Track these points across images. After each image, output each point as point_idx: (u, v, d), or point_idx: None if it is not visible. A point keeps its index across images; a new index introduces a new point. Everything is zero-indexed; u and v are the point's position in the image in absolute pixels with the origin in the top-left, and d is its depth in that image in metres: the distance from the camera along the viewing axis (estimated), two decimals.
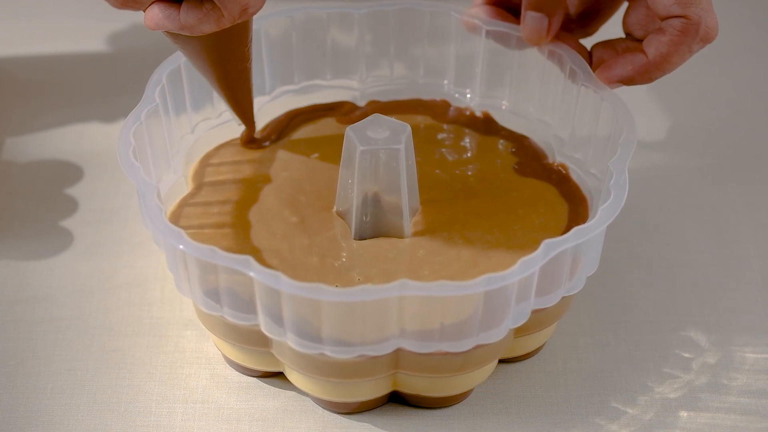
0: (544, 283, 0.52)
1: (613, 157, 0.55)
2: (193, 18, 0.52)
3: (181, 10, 0.53)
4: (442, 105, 0.66)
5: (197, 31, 0.53)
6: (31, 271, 0.64)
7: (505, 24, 0.63)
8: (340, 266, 0.56)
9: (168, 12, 0.53)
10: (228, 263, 0.50)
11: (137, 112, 0.56)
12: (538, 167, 0.62)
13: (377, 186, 0.56)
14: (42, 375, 0.58)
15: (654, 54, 0.57)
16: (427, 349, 0.51)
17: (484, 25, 0.63)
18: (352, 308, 0.49)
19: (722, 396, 0.58)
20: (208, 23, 0.52)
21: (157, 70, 0.59)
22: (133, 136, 0.55)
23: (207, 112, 0.62)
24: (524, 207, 0.59)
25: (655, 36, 0.57)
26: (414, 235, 0.57)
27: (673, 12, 0.56)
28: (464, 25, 0.64)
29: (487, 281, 0.49)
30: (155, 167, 0.58)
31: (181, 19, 0.53)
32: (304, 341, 0.51)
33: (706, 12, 0.56)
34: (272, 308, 0.51)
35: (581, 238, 0.51)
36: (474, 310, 0.50)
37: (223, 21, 0.52)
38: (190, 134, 0.62)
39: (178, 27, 0.53)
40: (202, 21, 0.52)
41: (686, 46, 0.56)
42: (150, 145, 0.57)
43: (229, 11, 0.52)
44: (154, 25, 0.53)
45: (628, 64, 0.58)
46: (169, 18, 0.53)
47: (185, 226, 0.57)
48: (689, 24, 0.56)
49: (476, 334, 0.51)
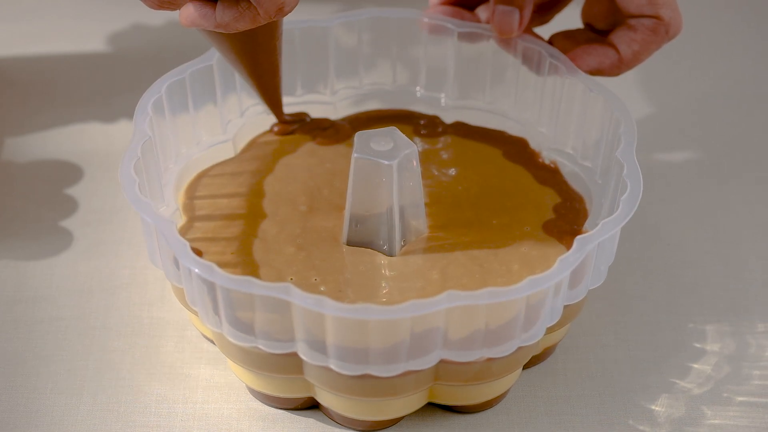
0: (574, 278, 0.52)
1: (613, 148, 0.56)
2: (229, 17, 0.53)
3: (216, 9, 0.53)
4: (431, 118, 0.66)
5: (232, 29, 0.53)
6: (31, 271, 0.64)
7: (475, 24, 0.63)
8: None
9: (204, 11, 0.53)
10: (267, 292, 0.49)
11: (133, 146, 0.55)
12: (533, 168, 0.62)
13: (368, 197, 0.56)
14: (42, 375, 0.58)
15: (626, 52, 0.58)
16: (470, 358, 0.51)
17: (455, 28, 0.63)
18: (399, 325, 0.49)
19: (722, 396, 0.58)
20: (243, 21, 0.53)
21: (142, 97, 0.58)
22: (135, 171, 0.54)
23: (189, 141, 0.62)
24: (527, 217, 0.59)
25: (626, 33, 0.58)
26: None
27: (645, 12, 0.57)
28: (427, 28, 0.64)
29: (530, 284, 0.49)
30: (152, 200, 0.56)
31: (216, 18, 0.53)
32: (348, 364, 0.50)
33: (674, 11, 0.58)
34: (314, 334, 0.50)
35: (609, 231, 0.52)
36: (517, 313, 0.50)
37: (258, 19, 0.53)
38: (174, 165, 0.61)
39: (213, 25, 0.53)
40: (238, 20, 0.53)
41: (656, 45, 0.59)
42: (147, 181, 0.56)
43: (264, 10, 0.52)
44: (190, 23, 0.54)
45: (600, 57, 0.59)
46: (205, 17, 0.53)
47: None
48: (659, 24, 0.57)
49: (518, 336, 0.51)
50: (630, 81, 0.78)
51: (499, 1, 0.60)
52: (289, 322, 0.50)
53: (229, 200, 0.60)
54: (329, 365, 0.51)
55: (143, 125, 0.56)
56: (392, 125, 0.61)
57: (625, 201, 0.53)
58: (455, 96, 0.65)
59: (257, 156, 0.63)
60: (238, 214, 0.59)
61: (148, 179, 0.56)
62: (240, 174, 0.62)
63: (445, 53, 0.64)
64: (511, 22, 0.60)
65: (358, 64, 0.66)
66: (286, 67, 0.64)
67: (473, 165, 0.63)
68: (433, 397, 0.56)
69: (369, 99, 0.67)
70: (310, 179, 0.61)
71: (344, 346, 0.50)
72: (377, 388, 0.52)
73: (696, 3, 0.84)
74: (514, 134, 0.65)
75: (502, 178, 0.62)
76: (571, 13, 0.65)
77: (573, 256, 0.50)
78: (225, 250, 0.57)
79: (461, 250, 0.57)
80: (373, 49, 0.65)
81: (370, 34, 0.65)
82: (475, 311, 0.49)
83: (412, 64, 0.66)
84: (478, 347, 0.51)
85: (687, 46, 0.80)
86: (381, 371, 0.51)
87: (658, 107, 0.76)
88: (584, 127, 0.61)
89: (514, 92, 0.64)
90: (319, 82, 0.66)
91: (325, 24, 0.63)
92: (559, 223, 0.59)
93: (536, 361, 0.59)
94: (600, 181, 0.60)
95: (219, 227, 0.58)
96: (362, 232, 0.57)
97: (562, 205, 0.60)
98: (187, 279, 0.52)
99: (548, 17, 0.64)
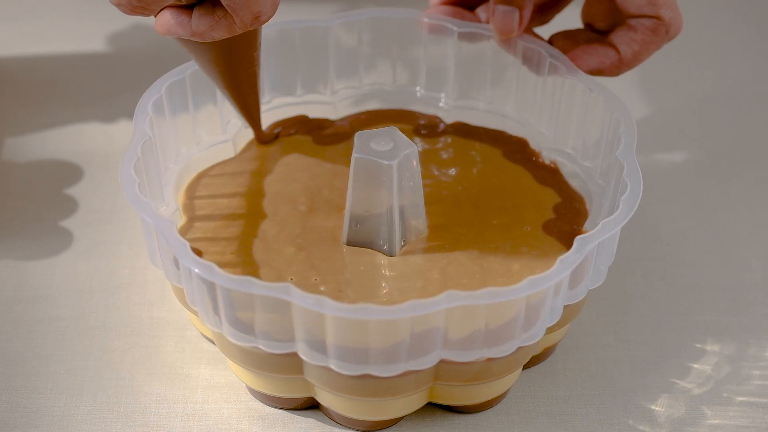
0: (574, 278, 0.52)
1: (613, 149, 0.56)
2: (205, 25, 0.52)
3: (192, 17, 0.52)
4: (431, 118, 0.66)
5: (208, 37, 0.52)
6: (31, 271, 0.64)
7: (475, 24, 0.63)
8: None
9: (179, 18, 0.52)
10: (267, 292, 0.49)
11: (133, 146, 0.55)
12: (533, 168, 0.62)
13: (368, 197, 0.56)
14: (42, 375, 0.58)
15: (626, 52, 0.58)
16: (470, 358, 0.51)
17: (455, 28, 0.63)
18: (399, 325, 0.49)
19: (722, 396, 0.58)
20: (219, 30, 0.52)
21: (142, 97, 0.58)
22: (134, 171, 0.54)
23: (189, 141, 0.62)
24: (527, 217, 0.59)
25: (626, 33, 0.58)
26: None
27: (646, 12, 0.57)
28: (427, 28, 0.64)
29: (530, 284, 0.49)
30: (152, 200, 0.56)
31: (192, 26, 0.52)
32: (348, 364, 0.50)
33: (675, 11, 0.58)
34: (314, 334, 0.50)
35: (609, 231, 0.52)
36: (517, 313, 0.50)
37: (234, 28, 0.52)
38: (174, 165, 0.61)
39: (189, 33, 0.52)
40: (214, 28, 0.52)
41: (656, 45, 0.59)
42: (147, 181, 0.56)
43: (240, 18, 0.51)
44: (165, 31, 0.53)
45: (600, 57, 0.59)
46: (181, 24, 0.52)
47: None
48: (660, 24, 0.57)
49: (518, 336, 0.51)
50: (630, 81, 0.78)
51: (499, 1, 0.60)
52: (289, 322, 0.50)
53: (229, 200, 0.60)
54: (329, 365, 0.51)
55: (143, 125, 0.56)
56: (392, 125, 0.61)
57: (625, 201, 0.53)
58: (455, 96, 0.65)
59: (257, 156, 0.63)
60: (238, 214, 0.59)
61: (148, 179, 0.56)
62: (240, 174, 0.62)
63: (445, 53, 0.64)
64: (511, 22, 0.60)
65: (358, 64, 0.66)
66: (287, 67, 0.64)
67: (473, 165, 0.63)
68: (433, 397, 0.56)
69: (369, 99, 0.67)
70: (310, 179, 0.61)
71: (344, 346, 0.50)
72: (377, 388, 0.52)
73: (696, 3, 0.84)
74: (514, 134, 0.65)
75: (502, 178, 0.62)
76: (571, 13, 0.65)
77: (573, 256, 0.50)
78: (225, 250, 0.57)
79: (461, 250, 0.57)
80: (373, 49, 0.65)
81: (370, 34, 0.65)
82: (475, 311, 0.49)
83: (412, 64, 0.66)
84: (478, 347, 0.51)
85: (687, 46, 0.80)
86: (381, 371, 0.51)
87: (658, 107, 0.76)
88: (584, 127, 0.61)
89: (514, 92, 0.64)
90: (319, 82, 0.66)
91: (325, 24, 0.63)
92: (559, 223, 0.59)
93: (536, 361, 0.59)
94: (600, 181, 0.60)
95: (219, 227, 0.58)
96: (362, 232, 0.57)
97: (562, 205, 0.60)
98: (187, 279, 0.52)
99: (548, 17, 0.64)
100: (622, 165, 0.55)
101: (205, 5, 0.52)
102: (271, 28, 0.63)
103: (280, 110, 0.65)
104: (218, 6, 0.52)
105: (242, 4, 0.51)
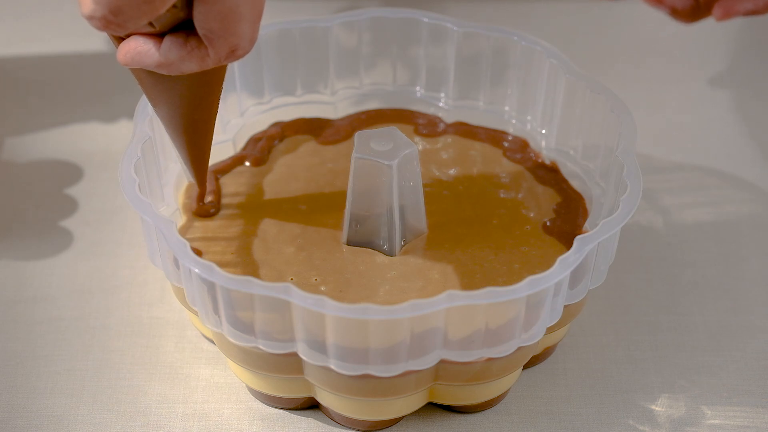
0: (574, 278, 0.52)
1: (613, 149, 0.56)
2: (175, 55, 0.48)
3: (163, 45, 0.48)
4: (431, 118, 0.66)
5: (176, 69, 0.48)
6: (31, 271, 0.64)
7: (475, 24, 0.63)
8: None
9: (147, 46, 0.48)
10: (267, 292, 0.49)
11: (133, 146, 0.55)
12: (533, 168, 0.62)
13: (368, 197, 0.56)
14: (42, 375, 0.58)
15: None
16: (470, 358, 0.51)
17: (455, 28, 0.63)
18: (399, 325, 0.49)
19: (722, 396, 0.58)
20: (190, 62, 0.48)
21: (143, 97, 0.57)
22: (134, 171, 0.54)
23: None
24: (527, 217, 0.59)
25: None
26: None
27: None
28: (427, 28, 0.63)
29: (530, 284, 0.49)
30: (152, 200, 0.56)
31: (161, 55, 0.48)
32: (348, 364, 0.50)
33: None
34: (315, 334, 0.50)
35: (609, 231, 0.52)
36: (517, 313, 0.50)
37: (207, 61, 0.48)
38: (174, 165, 0.61)
39: (156, 64, 0.48)
40: (185, 59, 0.48)
41: None
42: (147, 181, 0.56)
43: (216, 51, 0.47)
44: (129, 60, 0.48)
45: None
46: (148, 54, 0.48)
47: None
48: None
49: (518, 336, 0.51)
50: (630, 81, 0.78)
51: None
52: (289, 322, 0.50)
53: (229, 200, 0.60)
54: (329, 365, 0.51)
55: (143, 125, 0.56)
56: (392, 125, 0.61)
57: (625, 201, 0.53)
58: (455, 96, 0.65)
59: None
60: (238, 214, 0.59)
61: (148, 179, 0.56)
62: (240, 173, 0.62)
63: (445, 53, 0.64)
64: None
65: (358, 64, 0.66)
66: (287, 67, 0.64)
67: (473, 165, 0.63)
68: (433, 397, 0.56)
69: (369, 99, 0.67)
70: (310, 179, 0.61)
71: (344, 346, 0.50)
72: (377, 388, 0.52)
73: None
74: (514, 134, 0.65)
75: (502, 178, 0.62)
76: None
77: (573, 256, 0.50)
78: (225, 250, 0.57)
79: (461, 250, 0.57)
80: (373, 49, 0.65)
81: (370, 34, 0.65)
82: (475, 311, 0.49)
83: (412, 64, 0.66)
84: (478, 347, 0.51)
85: (687, 46, 0.79)
86: (381, 371, 0.51)
87: (658, 107, 0.76)
88: (584, 127, 0.61)
89: (514, 92, 0.64)
90: (319, 82, 0.66)
91: (325, 24, 0.63)
92: (559, 223, 0.59)
93: (536, 361, 0.59)
94: (600, 181, 0.60)
95: (219, 227, 0.58)
96: (362, 232, 0.57)
97: (562, 205, 0.60)
98: (187, 279, 0.52)
99: None
100: (622, 165, 0.55)
101: (179, 34, 0.48)
102: (271, 28, 0.63)
103: (280, 110, 0.65)
104: (192, 35, 0.48)
105: (220, 35, 0.47)
